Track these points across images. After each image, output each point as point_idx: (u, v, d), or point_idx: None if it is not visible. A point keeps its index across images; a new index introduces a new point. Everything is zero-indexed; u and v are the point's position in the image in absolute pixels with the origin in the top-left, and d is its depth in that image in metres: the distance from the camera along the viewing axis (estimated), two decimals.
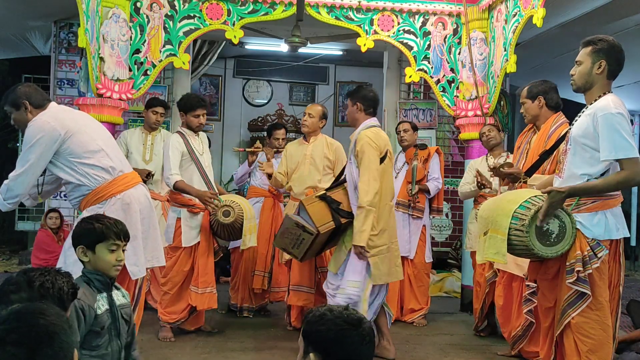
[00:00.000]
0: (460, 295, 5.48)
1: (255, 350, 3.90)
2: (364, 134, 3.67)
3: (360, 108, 3.79)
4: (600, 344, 2.63)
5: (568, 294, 2.64)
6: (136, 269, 2.95)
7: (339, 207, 3.67)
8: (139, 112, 6.48)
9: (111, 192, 2.93)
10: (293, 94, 9.14)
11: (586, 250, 2.61)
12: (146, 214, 3.06)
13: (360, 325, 1.51)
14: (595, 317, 2.63)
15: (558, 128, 3.46)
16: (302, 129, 4.48)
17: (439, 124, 6.80)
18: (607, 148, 2.54)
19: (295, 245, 3.73)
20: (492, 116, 4.93)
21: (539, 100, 3.56)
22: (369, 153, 3.59)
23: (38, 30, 6.68)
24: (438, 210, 4.97)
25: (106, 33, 4.47)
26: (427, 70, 5.14)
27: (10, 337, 1.20)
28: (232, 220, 3.97)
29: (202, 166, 4.10)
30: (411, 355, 3.92)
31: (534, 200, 2.66)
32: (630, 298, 5.61)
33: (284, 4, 4.85)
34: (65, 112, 3.00)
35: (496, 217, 2.72)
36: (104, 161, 2.93)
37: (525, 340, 3.61)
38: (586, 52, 2.72)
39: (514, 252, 2.73)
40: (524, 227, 2.59)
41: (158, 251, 3.19)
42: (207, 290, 4.07)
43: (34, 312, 1.25)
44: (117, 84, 4.56)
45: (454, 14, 5.11)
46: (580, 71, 2.73)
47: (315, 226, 3.60)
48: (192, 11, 4.84)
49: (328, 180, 4.24)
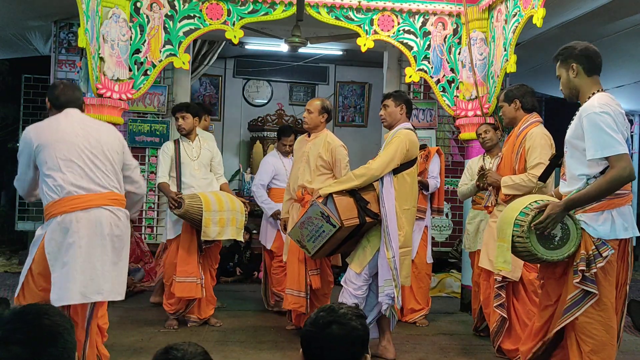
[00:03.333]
0: (460, 295, 5.49)
1: (256, 350, 3.91)
2: (407, 132, 3.80)
3: (404, 110, 3.92)
4: (602, 344, 2.62)
5: (573, 293, 2.63)
6: (56, 296, 2.72)
7: (367, 206, 3.68)
8: (139, 112, 6.50)
9: (52, 213, 2.80)
10: (293, 94, 9.14)
11: (591, 249, 2.59)
12: (95, 241, 2.81)
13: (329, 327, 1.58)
14: (599, 317, 2.62)
15: (527, 127, 3.64)
16: (304, 126, 4.39)
17: (439, 124, 6.79)
18: (592, 147, 2.53)
19: (312, 238, 3.71)
20: (492, 116, 4.93)
21: (515, 103, 3.73)
22: (398, 148, 3.70)
23: (38, 30, 6.68)
24: (439, 210, 5.00)
25: (106, 33, 4.47)
26: (427, 70, 5.14)
27: (14, 337, 1.20)
28: (182, 212, 4.18)
29: (180, 170, 4.43)
30: (411, 355, 3.93)
31: (533, 205, 2.68)
32: (630, 298, 5.61)
33: (284, 4, 4.85)
34: (55, 122, 2.91)
35: (501, 225, 2.80)
36: (56, 179, 2.79)
37: (501, 336, 3.69)
38: (558, 66, 2.84)
39: (523, 259, 2.80)
40: (524, 233, 2.62)
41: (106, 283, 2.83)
42: (188, 280, 4.31)
43: (38, 312, 1.25)
44: (117, 84, 4.56)
45: (454, 14, 5.11)
46: (562, 83, 2.82)
47: (340, 219, 3.59)
48: (192, 11, 4.84)
49: (321, 181, 4.11)
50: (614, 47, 5.97)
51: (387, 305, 3.72)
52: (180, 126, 4.50)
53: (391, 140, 3.77)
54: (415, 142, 3.83)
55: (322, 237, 3.67)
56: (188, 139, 4.55)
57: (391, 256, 3.64)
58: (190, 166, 4.46)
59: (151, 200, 6.50)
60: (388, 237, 3.65)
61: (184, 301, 4.38)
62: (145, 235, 6.45)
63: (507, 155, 3.72)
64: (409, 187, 3.79)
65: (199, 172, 4.48)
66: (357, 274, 3.74)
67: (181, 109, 4.52)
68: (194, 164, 4.47)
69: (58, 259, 2.76)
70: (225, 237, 4.35)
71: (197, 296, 4.35)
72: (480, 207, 4.42)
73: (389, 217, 3.66)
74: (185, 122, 4.48)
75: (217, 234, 4.27)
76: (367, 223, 3.70)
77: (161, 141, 6.43)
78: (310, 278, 4.16)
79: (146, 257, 6.09)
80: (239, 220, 4.39)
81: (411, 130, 3.89)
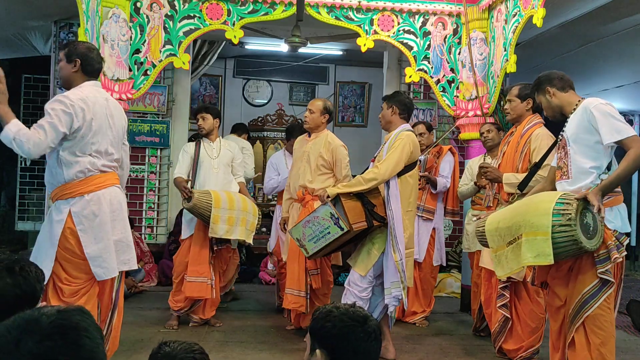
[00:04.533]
0: (460, 295, 5.48)
1: (256, 350, 3.91)
2: (408, 134, 3.79)
3: (396, 112, 3.88)
4: (610, 336, 2.70)
5: (591, 284, 2.68)
6: (101, 270, 2.90)
7: (374, 209, 3.67)
8: (139, 112, 6.50)
9: (79, 191, 2.87)
10: (293, 94, 9.14)
11: (612, 239, 2.69)
12: (117, 216, 3.01)
13: (366, 322, 1.54)
14: (608, 310, 2.70)
15: (531, 128, 3.66)
16: (304, 126, 4.38)
17: (439, 124, 6.80)
18: (607, 132, 2.66)
19: (314, 238, 3.67)
20: (492, 116, 4.93)
21: (528, 103, 3.73)
22: (403, 151, 3.69)
23: (38, 30, 6.68)
24: (453, 212, 4.89)
25: (106, 33, 4.46)
26: (427, 70, 5.14)
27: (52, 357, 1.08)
28: (191, 205, 4.21)
29: (197, 168, 4.47)
30: (411, 355, 3.92)
31: (568, 196, 2.66)
32: (630, 298, 5.61)
33: (284, 4, 4.84)
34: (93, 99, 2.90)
35: (530, 219, 2.67)
36: (88, 158, 2.86)
37: (503, 337, 3.68)
38: (537, 97, 3.05)
39: (560, 250, 2.64)
40: (570, 221, 2.56)
41: (130, 255, 3.12)
42: (199, 279, 4.31)
43: (78, 328, 1.14)
44: (117, 84, 4.56)
45: (454, 14, 5.11)
46: (545, 108, 3.04)
47: (349, 222, 3.57)
48: (192, 11, 4.84)
49: (322, 181, 4.11)
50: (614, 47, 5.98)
51: (394, 306, 3.74)
52: (201, 126, 4.56)
53: (394, 143, 3.75)
54: (417, 143, 3.84)
55: (326, 238, 3.63)
56: (209, 140, 4.58)
57: (399, 259, 3.63)
58: (209, 165, 4.47)
59: (151, 200, 6.50)
60: (395, 240, 3.64)
61: (190, 300, 4.37)
62: (145, 235, 6.45)
63: (510, 154, 3.70)
64: (411, 189, 3.80)
65: (219, 170, 4.49)
66: (362, 276, 3.73)
67: (201, 110, 4.61)
68: (213, 163, 4.49)
69: (89, 234, 2.87)
70: (234, 236, 4.33)
71: (207, 296, 4.33)
72: (480, 207, 4.41)
73: (395, 220, 3.65)
74: (205, 122, 4.54)
75: (225, 232, 4.25)
76: (373, 226, 3.70)
77: (161, 141, 6.45)
78: (311, 278, 4.16)
79: (146, 257, 6.09)
80: (249, 222, 4.38)
81: (412, 131, 3.90)
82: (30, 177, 7.15)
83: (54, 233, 2.86)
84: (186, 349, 1.74)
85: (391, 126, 3.91)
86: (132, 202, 6.54)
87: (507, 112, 3.84)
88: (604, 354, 2.67)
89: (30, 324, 1.11)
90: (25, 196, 7.18)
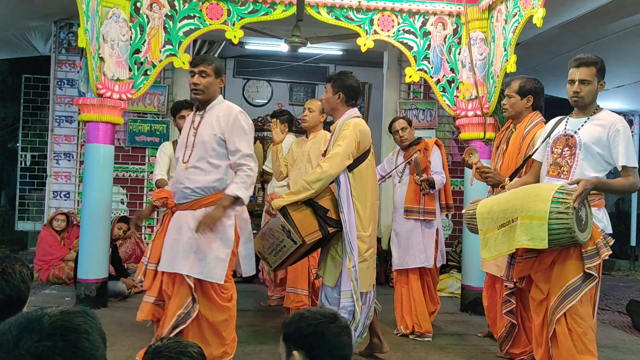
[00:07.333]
0: (460, 295, 5.48)
1: (256, 350, 3.91)
2: (356, 122, 3.42)
3: (342, 99, 3.50)
4: (589, 327, 2.79)
5: (574, 278, 2.77)
6: (249, 268, 3.35)
7: (327, 214, 3.32)
8: (139, 112, 6.50)
9: None
10: (293, 94, 9.15)
11: (600, 238, 2.79)
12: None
13: (337, 318, 1.61)
14: (588, 303, 2.81)
15: (533, 128, 3.57)
16: (302, 124, 4.37)
17: (439, 124, 6.80)
18: (624, 155, 2.84)
19: (273, 251, 3.38)
20: (492, 116, 4.93)
21: (528, 99, 3.65)
22: (349, 142, 3.33)
23: (38, 30, 6.69)
24: (448, 207, 4.73)
25: (106, 33, 4.47)
26: (427, 70, 5.14)
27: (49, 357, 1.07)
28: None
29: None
30: (411, 355, 3.92)
31: (566, 188, 2.71)
32: (630, 298, 5.61)
33: (284, 4, 4.85)
34: None
35: (528, 203, 2.71)
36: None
37: (510, 341, 3.64)
38: (592, 73, 2.91)
39: (552, 237, 2.66)
40: (568, 209, 2.62)
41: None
42: None
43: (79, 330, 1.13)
44: (117, 84, 4.56)
45: (454, 14, 5.11)
46: (586, 91, 2.92)
47: (300, 235, 3.23)
48: (192, 11, 4.84)
49: None
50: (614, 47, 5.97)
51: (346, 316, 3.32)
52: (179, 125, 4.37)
53: (340, 133, 3.39)
54: (366, 131, 3.44)
55: (284, 252, 3.33)
56: None
57: (352, 266, 3.31)
58: None
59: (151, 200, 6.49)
60: (349, 245, 3.30)
61: None
62: (145, 236, 6.46)
63: (512, 156, 3.60)
64: (367, 181, 3.43)
65: None
66: (332, 288, 3.40)
67: (184, 106, 4.33)
68: None
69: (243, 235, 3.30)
70: None
71: None
72: None
73: (349, 223, 3.31)
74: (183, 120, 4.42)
75: None
76: (332, 232, 3.36)
77: (161, 141, 6.44)
78: (314, 276, 4.16)
79: None
80: None
81: (359, 117, 3.51)
82: (30, 177, 7.15)
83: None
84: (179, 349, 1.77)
85: (336, 113, 3.54)
86: (132, 202, 6.55)
87: (505, 108, 3.71)
88: (586, 343, 2.76)
89: (32, 324, 1.11)
90: (25, 196, 7.18)
